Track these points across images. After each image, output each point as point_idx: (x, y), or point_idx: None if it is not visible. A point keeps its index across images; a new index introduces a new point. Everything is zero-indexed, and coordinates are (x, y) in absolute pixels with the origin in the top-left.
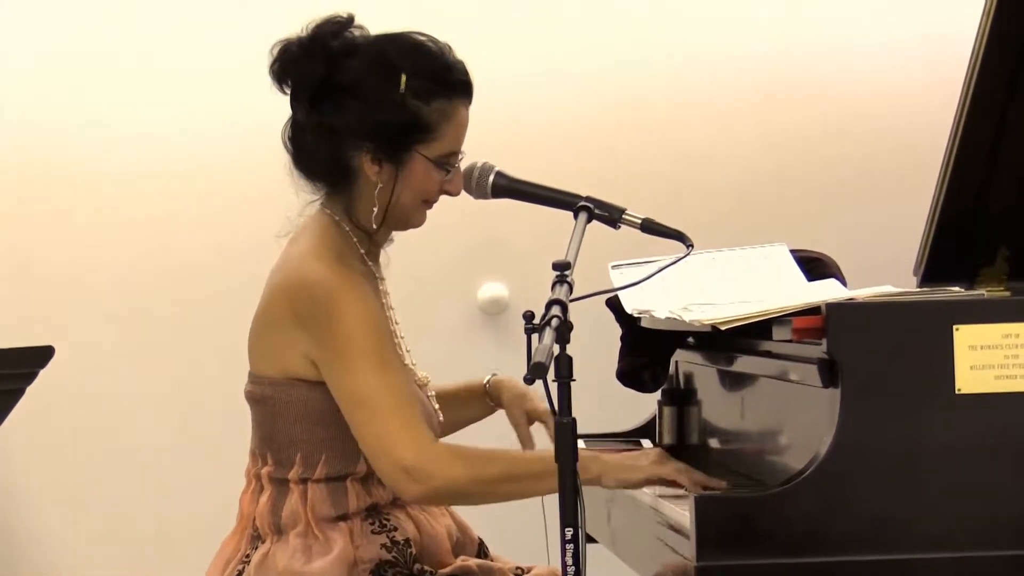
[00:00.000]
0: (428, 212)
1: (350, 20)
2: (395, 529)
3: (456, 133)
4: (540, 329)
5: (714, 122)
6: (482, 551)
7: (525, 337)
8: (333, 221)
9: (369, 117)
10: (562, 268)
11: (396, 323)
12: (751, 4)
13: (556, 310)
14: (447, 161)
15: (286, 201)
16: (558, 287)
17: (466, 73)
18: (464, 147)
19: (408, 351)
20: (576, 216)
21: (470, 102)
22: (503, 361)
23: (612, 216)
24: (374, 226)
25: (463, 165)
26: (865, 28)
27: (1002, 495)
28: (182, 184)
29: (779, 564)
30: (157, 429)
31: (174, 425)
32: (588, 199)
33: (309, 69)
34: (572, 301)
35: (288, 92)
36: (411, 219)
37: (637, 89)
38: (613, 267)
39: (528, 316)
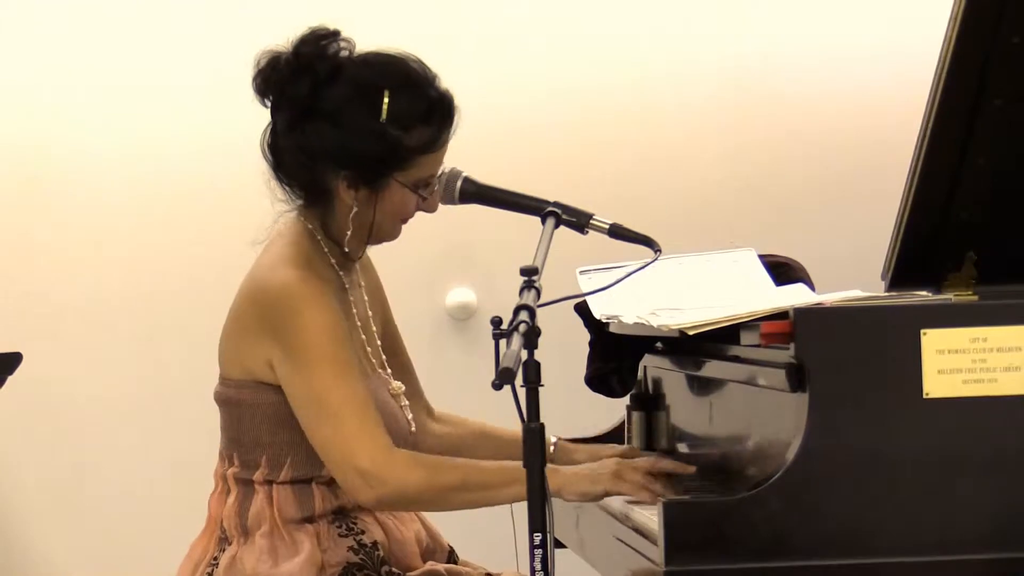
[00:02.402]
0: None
1: (336, 34)
2: (362, 532)
3: (435, 160)
4: (508, 334)
5: (683, 128)
6: (452, 559)
7: (493, 343)
8: (307, 230)
9: (348, 145)
10: (530, 273)
11: (374, 331)
12: (721, 15)
13: (524, 315)
14: (424, 184)
15: (260, 207)
16: (526, 292)
17: (450, 102)
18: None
19: (384, 360)
20: (544, 221)
21: (453, 130)
22: (471, 367)
23: (580, 221)
24: (346, 249)
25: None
26: (835, 35)
27: (969, 499)
28: (154, 189)
29: (747, 569)
30: (127, 432)
31: (144, 428)
32: (556, 204)
33: (293, 91)
34: (540, 306)
35: (269, 104)
36: (387, 236)
37: (606, 96)
38: (581, 272)
39: (496, 322)
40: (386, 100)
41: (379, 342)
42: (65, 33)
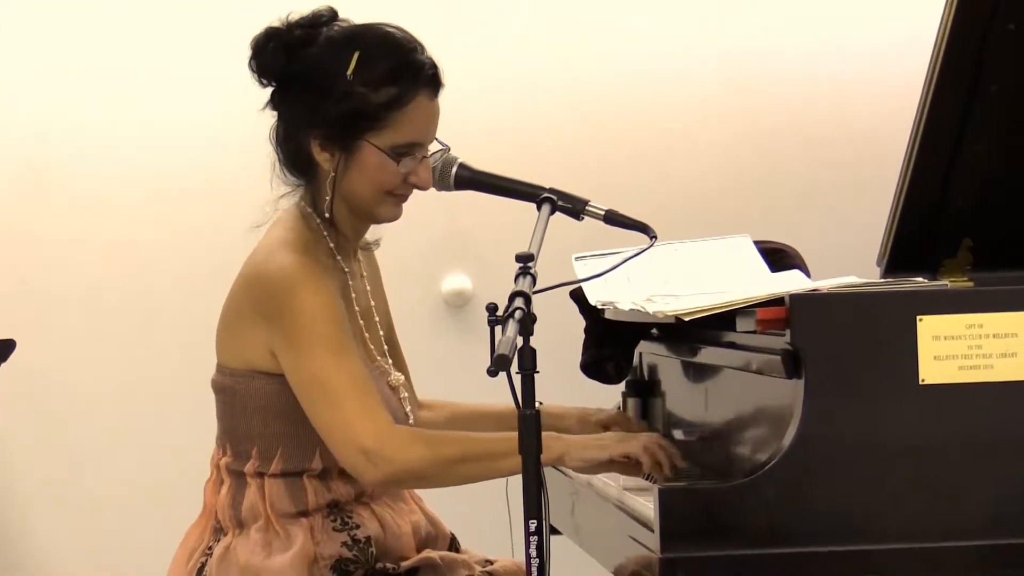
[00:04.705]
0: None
1: (332, 16)
2: (357, 527)
3: (413, 124)
4: (504, 321)
5: (680, 116)
6: (454, 546)
7: (488, 329)
8: (305, 214)
9: (316, 105)
10: (525, 260)
11: (376, 320)
12: (719, 6)
13: (519, 302)
14: (404, 151)
15: (255, 196)
16: (521, 279)
17: (425, 66)
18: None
19: (385, 350)
20: (539, 208)
21: (433, 95)
22: (467, 354)
23: (575, 208)
24: (326, 215)
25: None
26: (830, 24)
27: (965, 485)
28: (149, 178)
29: (743, 555)
30: (123, 421)
31: (140, 417)
32: (551, 191)
33: (269, 60)
34: (536, 293)
35: (264, 84)
36: (375, 212)
37: (603, 82)
38: (576, 259)
39: (491, 308)
40: (355, 58)
41: (381, 332)
42: (62, 23)
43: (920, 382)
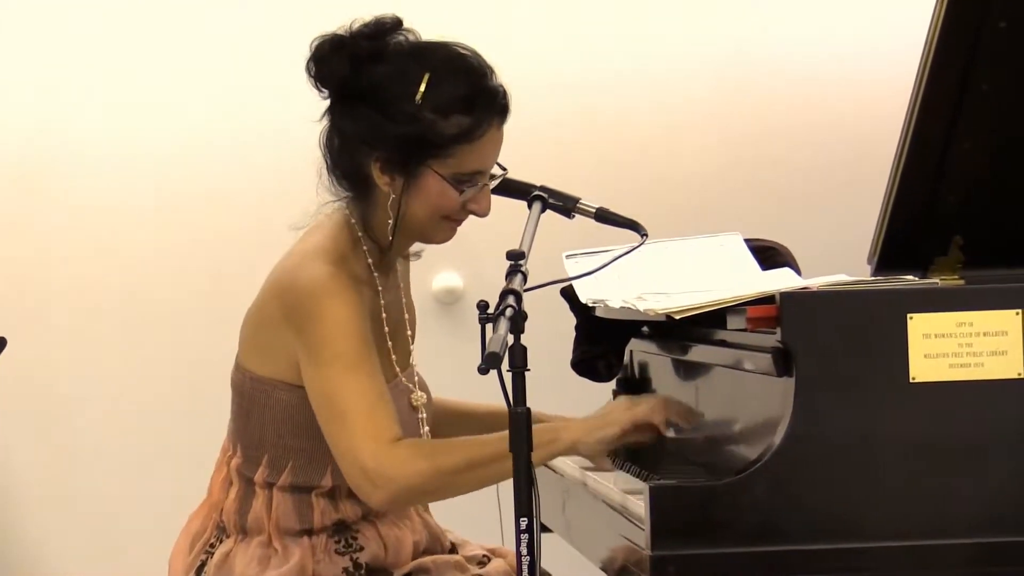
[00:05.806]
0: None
1: (396, 24)
2: (361, 549)
3: (478, 153)
4: (494, 319)
5: (669, 114)
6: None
7: (479, 327)
8: (349, 224)
9: (380, 126)
10: (516, 258)
11: (408, 335)
12: (713, 5)
13: (510, 300)
14: (466, 180)
15: (253, 193)
16: (512, 277)
17: (497, 95)
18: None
19: (411, 368)
20: (530, 205)
21: (502, 123)
22: (457, 351)
23: (566, 205)
24: (390, 237)
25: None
26: (823, 22)
27: (955, 484)
28: (144, 176)
29: (734, 553)
30: (119, 419)
31: (136, 414)
32: (542, 188)
33: (332, 69)
34: (526, 291)
35: (322, 93)
36: (430, 234)
37: (594, 82)
38: (567, 256)
39: (482, 306)
40: (424, 82)
41: (410, 347)
42: (59, 24)
43: (910, 380)
